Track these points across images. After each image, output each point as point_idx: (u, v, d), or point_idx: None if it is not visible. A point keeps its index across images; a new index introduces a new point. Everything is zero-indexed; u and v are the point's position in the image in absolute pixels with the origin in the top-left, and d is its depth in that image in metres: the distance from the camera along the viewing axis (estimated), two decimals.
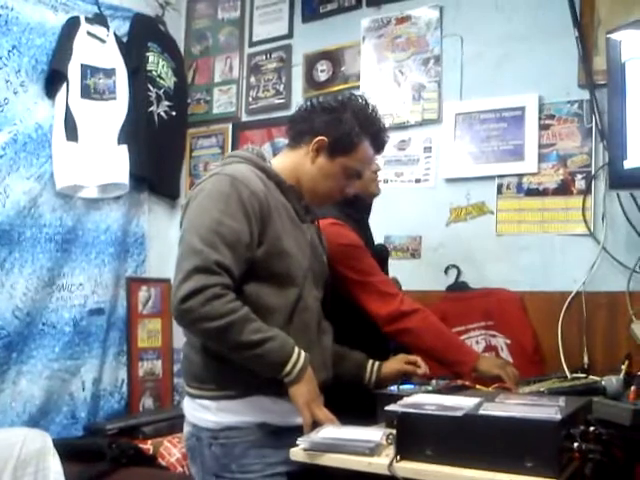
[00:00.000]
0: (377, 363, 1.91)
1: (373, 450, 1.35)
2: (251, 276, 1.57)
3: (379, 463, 1.30)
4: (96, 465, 2.46)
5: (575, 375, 2.14)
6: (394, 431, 1.34)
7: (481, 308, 2.58)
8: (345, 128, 1.68)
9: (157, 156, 3.17)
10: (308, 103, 1.76)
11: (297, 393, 1.52)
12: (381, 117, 1.79)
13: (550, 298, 2.47)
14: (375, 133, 1.74)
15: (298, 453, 1.41)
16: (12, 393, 2.62)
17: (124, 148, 2.96)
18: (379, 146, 1.78)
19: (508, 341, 2.52)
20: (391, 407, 1.32)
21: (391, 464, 1.27)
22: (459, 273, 2.66)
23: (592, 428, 1.40)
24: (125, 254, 3.11)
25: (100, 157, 2.86)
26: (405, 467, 1.28)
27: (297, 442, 1.41)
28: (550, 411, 1.25)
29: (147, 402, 3.10)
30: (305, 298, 1.64)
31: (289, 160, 1.73)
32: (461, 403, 1.33)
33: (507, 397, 1.48)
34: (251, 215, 1.54)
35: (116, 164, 2.93)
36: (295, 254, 1.62)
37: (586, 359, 2.36)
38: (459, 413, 1.25)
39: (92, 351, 2.92)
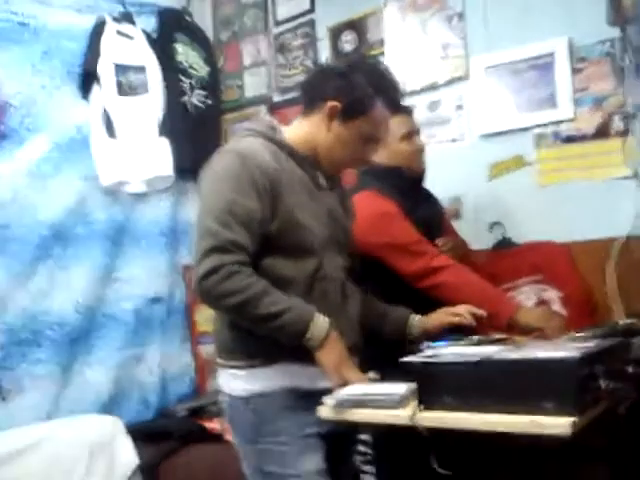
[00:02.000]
0: (420, 317, 1.88)
1: (399, 403, 1.36)
2: (267, 250, 1.59)
3: (403, 415, 1.32)
4: (165, 444, 2.59)
5: (629, 321, 2.08)
6: None
7: (529, 263, 2.53)
8: (357, 91, 1.64)
9: (197, 145, 3.23)
10: (318, 69, 1.75)
11: (323, 358, 1.54)
12: (394, 77, 1.74)
13: (599, 246, 2.39)
14: (389, 93, 1.70)
15: (326, 410, 1.44)
16: (82, 383, 2.77)
17: (165, 140, 3.04)
18: (395, 106, 1.74)
19: (560, 294, 2.46)
20: (409, 359, 1.33)
21: (414, 415, 1.29)
22: (504, 230, 2.61)
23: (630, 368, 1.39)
24: (177, 243, 3.20)
25: (142, 151, 2.95)
26: (428, 417, 1.30)
27: (323, 400, 1.44)
28: (571, 351, 1.23)
29: (215, 383, 3.19)
30: (325, 267, 1.65)
31: (303, 129, 1.71)
32: (481, 352, 1.33)
33: (536, 343, 1.47)
34: (262, 191, 1.56)
35: (159, 157, 3.02)
36: (311, 225, 1.62)
37: None
38: (474, 359, 1.25)
39: (155, 338, 3.05)
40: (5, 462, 2.31)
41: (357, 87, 1.64)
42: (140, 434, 2.68)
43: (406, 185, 2.17)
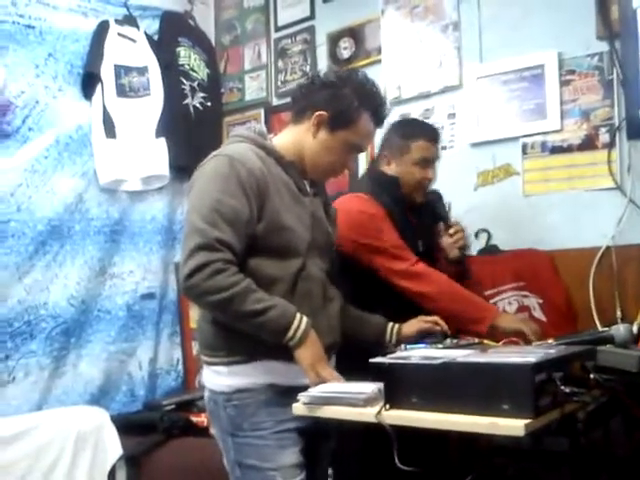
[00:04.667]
0: (397, 325, 1.96)
1: (366, 401, 1.42)
2: (254, 250, 1.66)
3: (369, 412, 1.38)
4: (151, 437, 2.65)
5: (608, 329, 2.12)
6: None
7: (512, 270, 2.58)
8: (344, 103, 1.73)
9: (196, 146, 3.28)
10: (309, 79, 1.83)
11: (302, 356, 1.60)
12: (381, 92, 1.84)
13: (580, 255, 2.45)
14: (374, 108, 1.78)
15: (299, 407, 1.50)
16: (73, 375, 2.84)
17: (162, 141, 3.11)
18: (379, 120, 1.82)
19: (540, 300, 2.51)
20: (377, 360, 1.39)
21: (379, 413, 1.34)
22: (489, 237, 2.66)
23: (592, 375, 1.44)
24: (172, 241, 3.26)
25: (139, 151, 3.02)
26: (393, 415, 1.35)
27: (298, 397, 1.50)
28: (529, 357, 1.29)
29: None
30: (308, 268, 1.71)
31: (291, 136, 1.79)
32: (447, 355, 1.39)
33: (504, 348, 1.52)
34: (249, 193, 1.63)
35: (155, 157, 3.09)
36: (295, 227, 1.69)
37: (619, 313, 2.33)
38: (437, 361, 1.30)
39: (146, 333, 3.11)
40: None
41: (344, 99, 1.73)
42: (126, 426, 2.74)
43: (399, 196, 2.21)
